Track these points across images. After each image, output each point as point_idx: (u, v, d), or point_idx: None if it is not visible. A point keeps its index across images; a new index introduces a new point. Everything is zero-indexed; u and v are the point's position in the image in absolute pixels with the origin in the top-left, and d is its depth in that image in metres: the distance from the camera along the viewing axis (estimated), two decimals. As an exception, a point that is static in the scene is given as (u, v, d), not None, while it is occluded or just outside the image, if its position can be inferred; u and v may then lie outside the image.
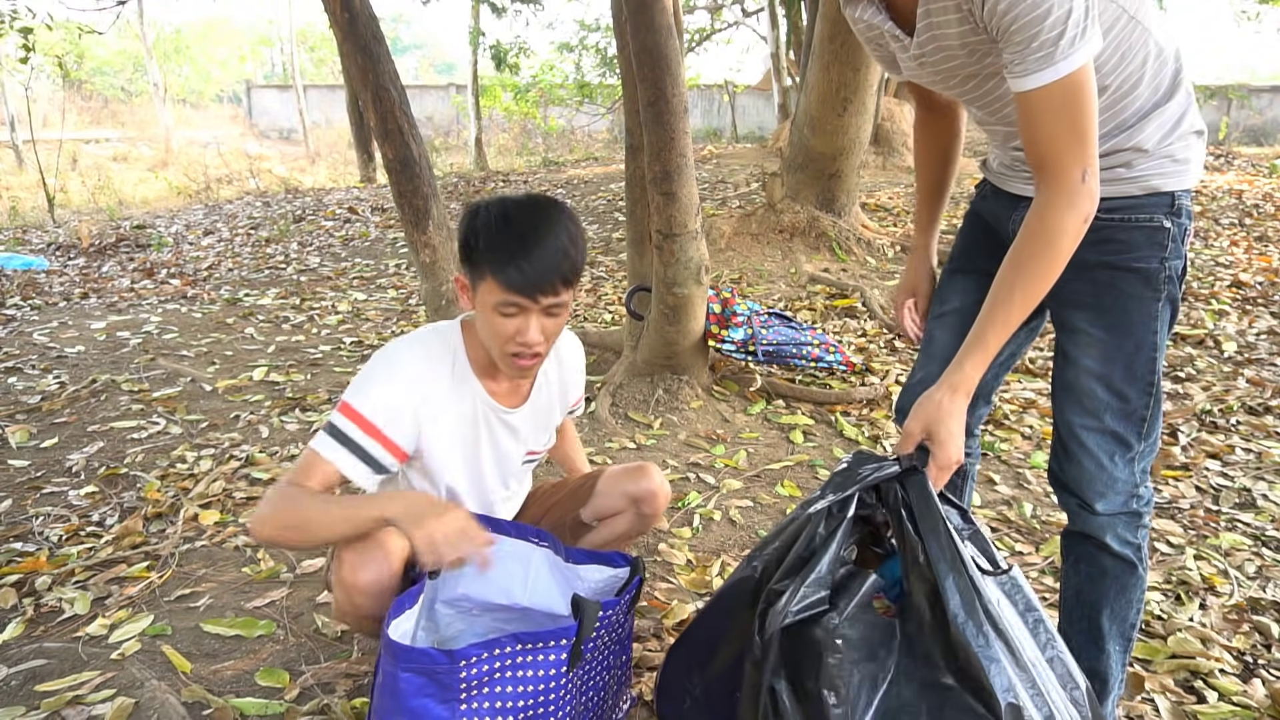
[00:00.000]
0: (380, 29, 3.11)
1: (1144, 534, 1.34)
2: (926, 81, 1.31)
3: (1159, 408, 1.28)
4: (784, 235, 5.18)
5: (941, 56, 1.19)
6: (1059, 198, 1.08)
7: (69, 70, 15.08)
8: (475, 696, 1.10)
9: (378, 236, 6.74)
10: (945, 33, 1.15)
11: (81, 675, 1.65)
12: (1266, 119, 12.95)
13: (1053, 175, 1.09)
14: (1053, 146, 1.07)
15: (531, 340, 1.30)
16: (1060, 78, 1.04)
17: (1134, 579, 1.34)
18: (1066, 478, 1.32)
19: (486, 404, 1.46)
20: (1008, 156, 1.37)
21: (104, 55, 23.29)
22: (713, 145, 12.39)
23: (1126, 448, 1.27)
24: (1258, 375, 3.31)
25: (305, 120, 17.71)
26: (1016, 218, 1.32)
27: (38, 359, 3.63)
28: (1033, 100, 1.06)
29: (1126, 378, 1.25)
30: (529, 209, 1.29)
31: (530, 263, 1.25)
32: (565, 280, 1.28)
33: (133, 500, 2.42)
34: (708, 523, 2.32)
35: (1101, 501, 1.29)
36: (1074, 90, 1.04)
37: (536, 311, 1.29)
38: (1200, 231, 5.47)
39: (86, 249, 6.43)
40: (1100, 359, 1.25)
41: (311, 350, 3.88)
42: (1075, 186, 1.07)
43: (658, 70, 2.55)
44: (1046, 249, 1.10)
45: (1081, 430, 1.28)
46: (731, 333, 3.16)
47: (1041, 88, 1.05)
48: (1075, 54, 1.02)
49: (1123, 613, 1.35)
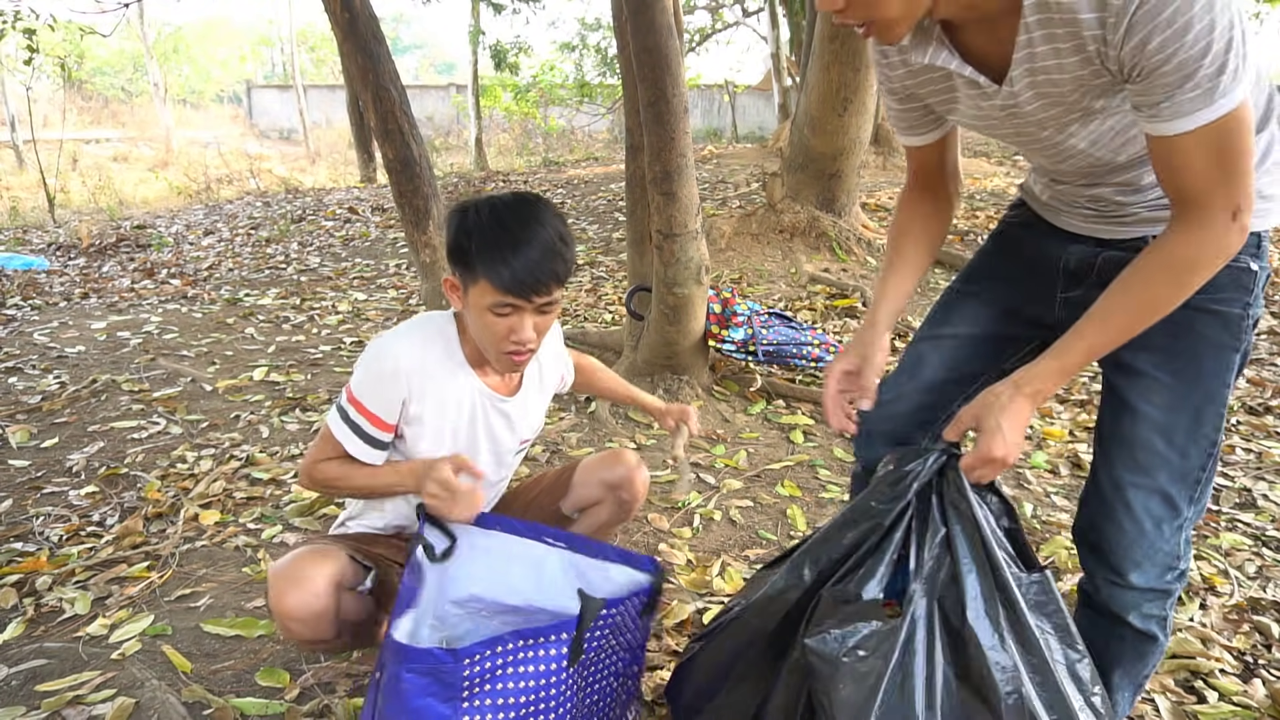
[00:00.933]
0: (380, 29, 3.11)
1: (1173, 605, 1.23)
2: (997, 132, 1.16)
3: (1214, 471, 1.17)
4: (784, 235, 5.18)
5: (1041, 104, 1.05)
6: (1201, 235, 0.98)
7: (71, 71, 15.09)
8: (478, 694, 1.10)
9: (378, 236, 6.74)
10: (1055, 77, 1.01)
11: (82, 675, 1.65)
12: (1267, 119, 12.94)
13: (1197, 213, 0.97)
14: (1201, 187, 0.96)
15: (526, 339, 1.32)
16: (1218, 118, 0.91)
17: (1153, 650, 1.25)
18: (1102, 539, 1.18)
19: (484, 394, 1.47)
20: (1071, 195, 1.22)
21: (104, 55, 23.30)
22: (713, 145, 12.40)
23: (1176, 513, 1.15)
24: (1258, 375, 3.31)
25: (305, 120, 17.72)
26: (1074, 251, 1.23)
27: (38, 359, 3.63)
28: (1181, 143, 0.94)
29: (1190, 433, 1.13)
30: (519, 209, 1.30)
31: (524, 264, 1.25)
32: (558, 279, 1.30)
33: (133, 500, 2.42)
34: (708, 523, 2.32)
35: (1136, 572, 1.17)
36: (1233, 128, 0.92)
37: (530, 311, 1.31)
38: (1200, 231, 5.47)
39: (87, 249, 6.43)
40: (1165, 408, 1.13)
41: (312, 350, 3.88)
42: (1222, 226, 0.96)
43: (658, 70, 2.55)
44: (1175, 284, 1.00)
45: (1131, 488, 1.15)
46: (732, 333, 3.16)
47: (1194, 131, 0.92)
48: (1236, 90, 0.90)
49: (1137, 672, 1.27)
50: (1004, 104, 1.08)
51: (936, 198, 1.34)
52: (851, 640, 1.04)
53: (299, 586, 1.28)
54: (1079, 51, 0.97)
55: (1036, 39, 0.98)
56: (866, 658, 1.03)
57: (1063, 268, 1.25)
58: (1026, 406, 1.06)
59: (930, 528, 1.10)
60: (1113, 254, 1.19)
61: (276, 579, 1.30)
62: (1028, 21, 0.98)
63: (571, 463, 1.73)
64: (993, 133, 1.18)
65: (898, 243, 1.35)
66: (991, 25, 1.02)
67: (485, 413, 1.49)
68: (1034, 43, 0.99)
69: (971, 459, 1.10)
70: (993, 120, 1.13)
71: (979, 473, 1.11)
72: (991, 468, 1.09)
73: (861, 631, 1.05)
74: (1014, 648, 1.03)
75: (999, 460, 1.08)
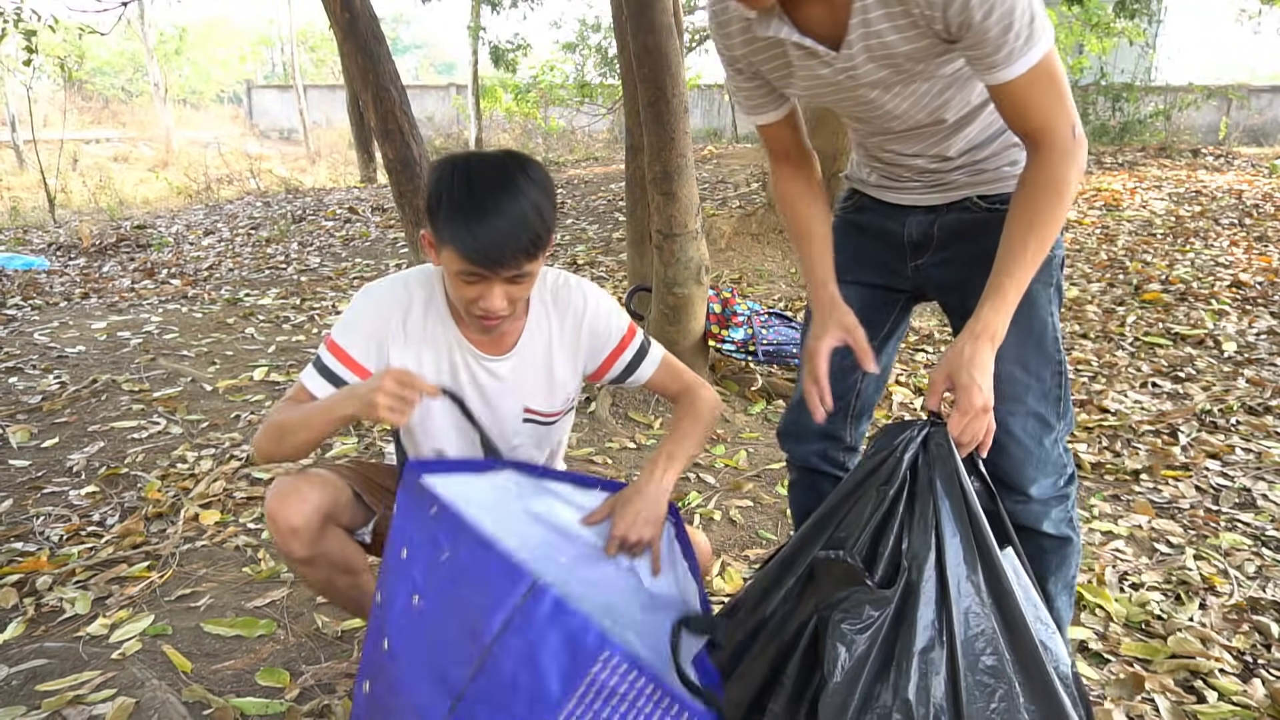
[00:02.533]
0: (380, 29, 3.11)
1: (1073, 506, 1.38)
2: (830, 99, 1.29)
3: (1068, 385, 1.34)
4: (784, 235, 5.18)
5: (874, 67, 1.19)
6: (1057, 155, 1.14)
7: (71, 71, 15.11)
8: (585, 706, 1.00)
9: (378, 236, 6.74)
10: (889, 40, 1.14)
11: (82, 675, 1.66)
12: (1266, 119, 12.93)
13: (1048, 138, 1.14)
14: (1044, 116, 1.13)
15: (492, 308, 1.27)
16: (1041, 57, 1.09)
17: (1071, 549, 1.39)
18: (997, 468, 1.29)
19: (466, 350, 1.42)
20: (899, 167, 1.38)
21: (104, 55, 23.30)
22: (713, 145, 12.39)
23: (1049, 427, 1.31)
24: (1258, 375, 3.31)
25: (305, 120, 17.70)
26: (912, 223, 1.39)
27: (38, 359, 3.63)
28: (1019, 85, 1.11)
29: (1040, 359, 1.30)
30: (495, 174, 1.24)
31: (491, 236, 1.20)
32: (527, 253, 1.24)
33: (133, 500, 2.42)
34: (708, 523, 2.32)
35: (1035, 486, 1.32)
36: (1052, 64, 1.11)
37: (498, 281, 1.25)
38: (1200, 231, 5.47)
39: (87, 249, 6.43)
40: (1014, 345, 1.25)
41: (311, 350, 3.88)
42: (1068, 142, 1.13)
43: (658, 70, 2.55)
44: (1055, 198, 1.14)
45: (1008, 418, 1.29)
46: (732, 333, 3.16)
47: (1028, 70, 1.09)
48: (1046, 34, 1.09)
49: (1065, 575, 1.41)
50: (842, 68, 1.20)
51: (806, 177, 1.43)
52: (849, 607, 1.08)
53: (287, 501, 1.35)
54: (908, 17, 1.11)
55: (871, 5, 1.12)
56: (863, 623, 1.07)
57: (906, 240, 1.41)
58: (986, 350, 1.15)
59: (919, 500, 1.12)
60: (947, 218, 1.37)
61: (276, 484, 1.38)
62: None
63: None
64: (824, 100, 1.30)
65: (796, 209, 1.43)
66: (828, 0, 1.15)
67: (470, 370, 1.43)
68: (868, 9, 1.12)
69: (956, 418, 1.14)
70: (828, 86, 1.25)
71: (968, 428, 1.14)
72: (978, 420, 1.14)
73: (858, 598, 1.08)
74: (994, 615, 1.06)
75: (980, 409, 1.14)
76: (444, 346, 1.42)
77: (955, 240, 1.37)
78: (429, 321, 1.40)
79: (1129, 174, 7.76)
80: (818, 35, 1.18)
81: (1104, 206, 6.37)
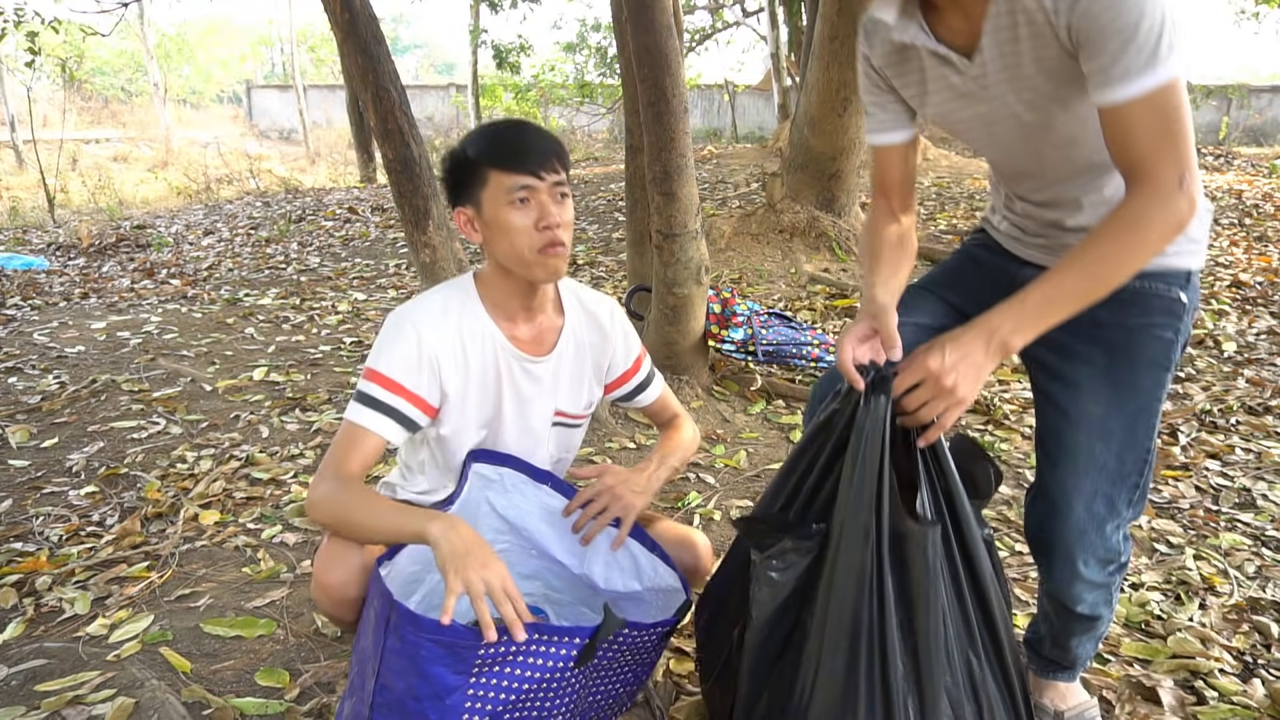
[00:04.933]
0: (380, 29, 3.11)
1: (1116, 589, 1.35)
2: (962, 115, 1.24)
3: (1150, 477, 1.26)
4: (784, 235, 5.18)
5: (1005, 76, 1.13)
6: (1151, 197, 1.03)
7: (72, 72, 15.10)
8: (487, 673, 1.15)
9: (378, 236, 6.74)
10: (1020, 48, 1.10)
11: (82, 675, 1.65)
12: (1266, 119, 12.94)
13: (1148, 178, 1.03)
14: (1149, 153, 1.02)
15: (554, 219, 1.30)
16: (1161, 84, 0.99)
17: (1101, 624, 1.38)
18: (1050, 538, 1.27)
19: (508, 351, 1.41)
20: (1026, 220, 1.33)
21: (104, 56, 23.31)
22: (713, 145, 12.40)
23: (1116, 515, 1.25)
24: (1258, 375, 3.31)
25: (305, 120, 17.72)
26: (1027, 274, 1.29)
27: (38, 359, 3.63)
28: (1129, 110, 1.01)
29: (1127, 441, 1.22)
30: (500, 120, 1.39)
31: (526, 141, 1.30)
32: (559, 155, 1.32)
33: (133, 500, 2.42)
34: (708, 523, 2.32)
35: (1082, 568, 1.27)
36: (1173, 98, 1.00)
37: (545, 191, 1.30)
38: (1200, 231, 5.47)
39: (87, 249, 6.43)
40: (1103, 418, 1.22)
41: (312, 350, 3.88)
42: (1170, 188, 1.01)
43: (658, 70, 2.55)
44: (1130, 239, 1.03)
45: (1073, 491, 1.24)
46: (731, 333, 3.16)
47: (1141, 96, 1.00)
48: (1172, 62, 0.98)
49: (1093, 635, 1.41)
50: (974, 75, 1.16)
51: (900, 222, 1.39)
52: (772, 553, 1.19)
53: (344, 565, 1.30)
54: (1035, 24, 1.06)
55: (1002, 12, 1.08)
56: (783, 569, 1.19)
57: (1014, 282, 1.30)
58: (978, 341, 1.06)
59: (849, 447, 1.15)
60: None
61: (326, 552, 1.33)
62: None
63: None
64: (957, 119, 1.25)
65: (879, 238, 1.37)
66: (958, 5, 1.13)
67: (510, 370, 1.43)
68: (1000, 15, 1.09)
69: (905, 377, 1.08)
70: (960, 99, 1.21)
71: (929, 406, 1.07)
72: (940, 403, 1.06)
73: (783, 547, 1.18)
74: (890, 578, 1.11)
75: (948, 391, 1.05)
76: (490, 351, 1.41)
77: None
78: (471, 327, 1.39)
79: (1129, 174, 7.74)
80: (953, 45, 1.17)
81: (1104, 206, 6.36)
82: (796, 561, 1.18)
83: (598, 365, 1.56)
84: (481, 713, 1.16)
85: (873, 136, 1.38)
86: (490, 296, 1.41)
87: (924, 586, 1.10)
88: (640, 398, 1.65)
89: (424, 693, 1.13)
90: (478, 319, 1.40)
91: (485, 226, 1.34)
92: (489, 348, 1.41)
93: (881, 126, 1.35)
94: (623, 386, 1.63)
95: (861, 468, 1.11)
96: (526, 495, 1.50)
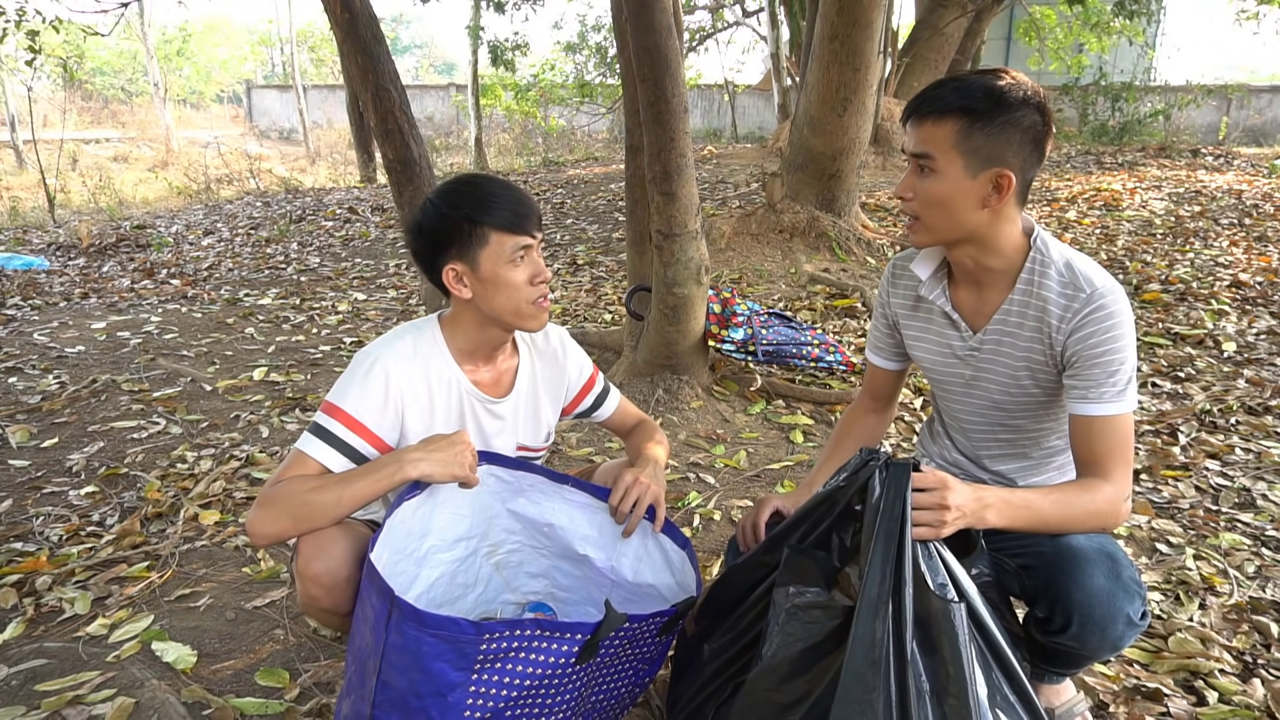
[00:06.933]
0: (380, 29, 3.11)
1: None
2: (946, 368, 1.45)
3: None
4: (784, 235, 5.18)
5: (993, 359, 1.38)
6: (1109, 489, 1.25)
7: (73, 73, 15.11)
8: (489, 669, 1.15)
9: (378, 236, 6.74)
10: (1014, 341, 1.34)
11: (82, 675, 1.66)
12: (1266, 119, 12.93)
13: (1104, 476, 1.26)
14: (1109, 460, 1.26)
15: (546, 274, 1.41)
16: (1123, 413, 1.26)
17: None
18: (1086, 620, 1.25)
19: (471, 394, 1.47)
20: (961, 455, 1.54)
21: (104, 56, 23.31)
22: (713, 145, 12.40)
23: (1119, 560, 1.26)
24: (1258, 375, 3.31)
25: (305, 120, 17.71)
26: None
27: (38, 359, 3.63)
28: (1099, 425, 1.26)
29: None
30: (470, 178, 1.42)
31: (519, 200, 1.39)
32: (540, 218, 1.44)
33: (133, 500, 2.42)
34: (708, 523, 2.32)
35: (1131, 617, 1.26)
36: (1129, 426, 1.27)
37: (535, 247, 1.41)
38: (1200, 231, 5.47)
39: (87, 249, 6.43)
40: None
41: (311, 350, 3.88)
42: (1116, 498, 1.25)
43: (658, 70, 2.55)
44: (1086, 513, 1.25)
45: (1086, 565, 1.24)
46: (731, 333, 3.16)
47: (1110, 417, 1.25)
48: (1132, 397, 1.26)
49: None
50: (972, 347, 1.41)
51: (877, 421, 1.65)
52: (801, 600, 1.20)
53: (328, 553, 1.28)
54: (1038, 331, 1.31)
55: (1014, 309, 1.34)
56: (808, 619, 1.19)
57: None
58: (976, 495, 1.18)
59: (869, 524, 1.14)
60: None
61: (306, 545, 1.29)
62: (1014, 295, 1.33)
63: (588, 468, 1.72)
64: (940, 369, 1.48)
65: (840, 439, 1.63)
66: (981, 288, 1.38)
67: (474, 412, 1.48)
68: (1011, 312, 1.34)
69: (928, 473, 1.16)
70: (951, 357, 1.45)
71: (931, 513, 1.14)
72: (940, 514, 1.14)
73: (812, 597, 1.20)
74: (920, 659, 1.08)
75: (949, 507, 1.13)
76: (455, 395, 1.46)
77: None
78: (439, 372, 1.43)
79: (1128, 174, 7.76)
80: (963, 314, 1.42)
81: (1104, 206, 6.37)
82: (820, 621, 1.18)
83: (554, 396, 1.64)
84: (483, 709, 1.16)
85: (871, 354, 1.62)
86: (455, 342, 1.46)
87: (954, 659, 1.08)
88: (598, 412, 1.72)
89: (426, 689, 1.13)
90: (445, 364, 1.44)
91: (479, 282, 1.38)
92: (454, 392, 1.45)
93: (879, 352, 1.60)
94: (580, 404, 1.69)
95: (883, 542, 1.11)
96: (548, 494, 1.53)
